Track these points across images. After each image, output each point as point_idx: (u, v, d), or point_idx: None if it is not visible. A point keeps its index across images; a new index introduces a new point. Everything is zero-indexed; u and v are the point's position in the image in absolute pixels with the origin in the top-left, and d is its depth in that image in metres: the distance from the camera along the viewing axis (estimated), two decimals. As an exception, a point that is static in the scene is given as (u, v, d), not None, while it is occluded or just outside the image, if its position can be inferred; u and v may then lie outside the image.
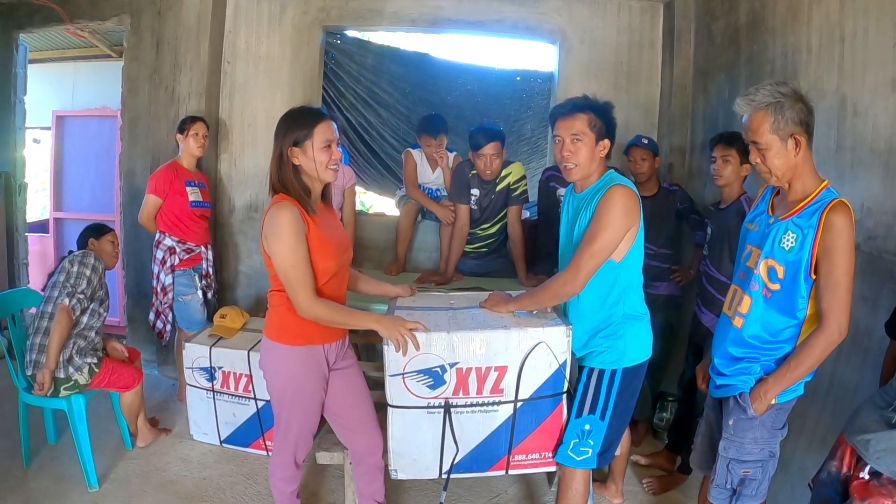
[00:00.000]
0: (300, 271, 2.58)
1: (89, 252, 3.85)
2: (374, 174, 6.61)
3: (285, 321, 2.75)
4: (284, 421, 2.87)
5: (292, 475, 3.01)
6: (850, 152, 3.04)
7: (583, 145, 2.74)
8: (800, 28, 3.49)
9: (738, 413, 2.50)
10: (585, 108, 2.75)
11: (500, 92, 6.61)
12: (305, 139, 2.62)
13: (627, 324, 2.78)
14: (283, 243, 2.55)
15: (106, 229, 4.10)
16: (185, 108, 5.22)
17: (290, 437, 2.89)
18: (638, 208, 2.67)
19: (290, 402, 2.82)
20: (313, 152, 2.63)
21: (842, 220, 2.23)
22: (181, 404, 4.70)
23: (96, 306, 3.86)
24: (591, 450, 2.84)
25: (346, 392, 2.97)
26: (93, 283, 3.80)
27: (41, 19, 5.69)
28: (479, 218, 4.81)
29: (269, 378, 2.86)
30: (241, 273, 5.66)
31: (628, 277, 2.75)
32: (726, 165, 3.62)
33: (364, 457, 3.10)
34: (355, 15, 5.46)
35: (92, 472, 3.74)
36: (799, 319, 2.39)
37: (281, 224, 2.55)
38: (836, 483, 2.27)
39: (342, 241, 2.86)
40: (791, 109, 2.29)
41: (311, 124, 2.63)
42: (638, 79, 5.38)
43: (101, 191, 6.78)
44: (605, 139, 2.76)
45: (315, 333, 2.76)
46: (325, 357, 2.83)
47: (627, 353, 2.79)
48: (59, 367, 3.68)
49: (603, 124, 2.75)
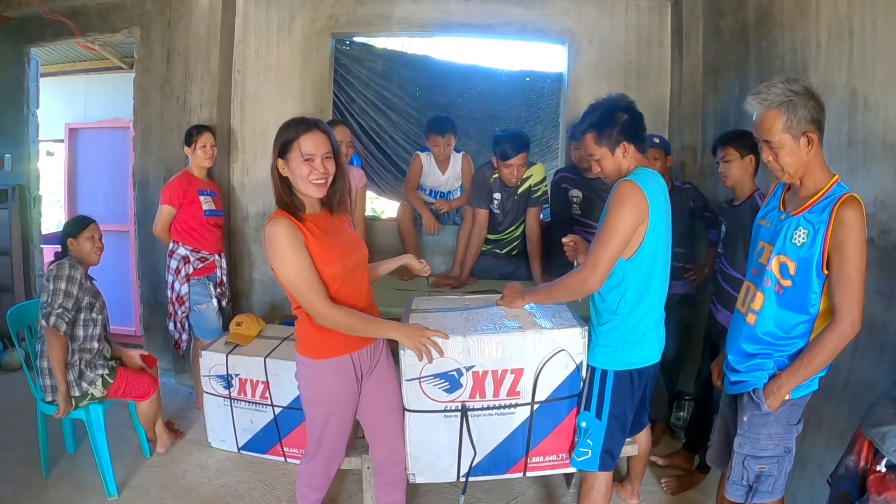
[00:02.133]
0: (308, 281, 2.54)
1: (63, 262, 3.71)
2: (386, 179, 6.62)
3: (310, 336, 2.71)
4: (319, 432, 2.84)
5: (322, 484, 3.00)
6: (861, 146, 3.02)
7: (601, 161, 2.80)
8: (808, 23, 3.48)
9: (752, 409, 2.51)
10: (587, 129, 2.81)
11: (509, 93, 6.63)
12: (287, 151, 2.57)
13: (626, 328, 2.77)
14: (283, 258, 2.52)
15: (84, 224, 3.90)
16: (197, 117, 5.25)
17: (323, 447, 2.87)
18: (645, 202, 2.64)
19: (323, 414, 2.80)
20: (295, 164, 2.56)
21: (853, 215, 2.23)
22: (199, 412, 4.72)
23: (87, 314, 3.79)
24: (590, 450, 2.84)
25: (376, 400, 2.92)
26: (73, 295, 3.66)
27: (52, 33, 5.74)
28: (502, 221, 4.83)
29: (302, 391, 2.84)
30: (256, 280, 5.68)
31: (637, 277, 2.72)
32: (728, 164, 3.64)
33: (384, 468, 3.06)
34: (364, 21, 5.47)
35: (111, 481, 3.76)
36: (811, 315, 2.39)
37: (276, 240, 2.51)
38: (855, 477, 2.26)
39: (349, 243, 2.78)
40: (804, 108, 2.29)
41: (294, 135, 2.57)
42: (647, 77, 5.37)
43: (114, 202, 6.81)
44: (621, 143, 2.76)
45: (342, 343, 2.72)
46: (355, 365, 2.78)
47: (624, 356, 2.78)
48: (73, 387, 3.70)
49: (613, 131, 2.75)
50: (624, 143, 2.75)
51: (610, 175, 2.83)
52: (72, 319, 3.66)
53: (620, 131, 2.75)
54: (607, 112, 2.79)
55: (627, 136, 2.76)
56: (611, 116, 2.77)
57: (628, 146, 2.76)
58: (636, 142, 2.79)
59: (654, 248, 2.72)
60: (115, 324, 6.36)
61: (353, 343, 2.75)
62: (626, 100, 2.84)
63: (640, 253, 2.69)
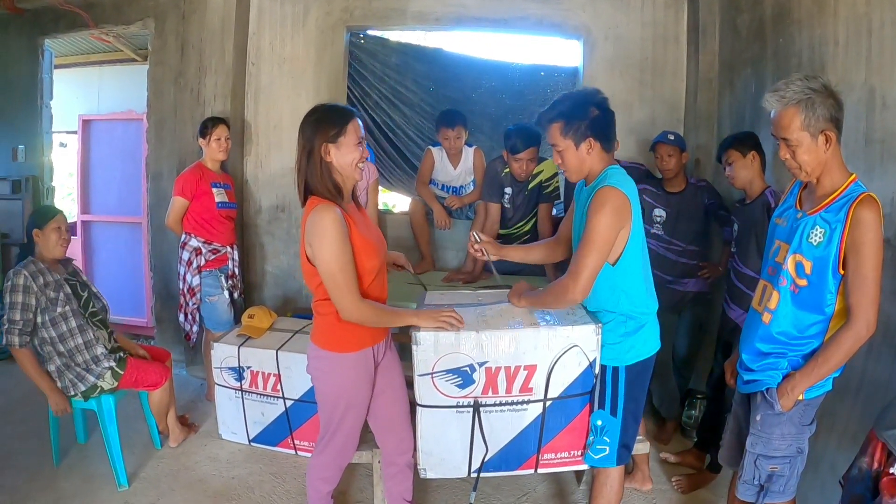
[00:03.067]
0: (348, 274, 2.53)
1: (19, 270, 3.58)
2: (399, 174, 6.61)
3: (336, 329, 2.70)
4: (335, 425, 2.84)
5: (333, 476, 3.01)
6: (879, 145, 3.00)
7: (563, 153, 2.75)
8: (826, 20, 3.46)
9: (765, 408, 2.50)
10: (554, 118, 2.72)
11: (523, 87, 6.58)
12: (339, 136, 2.58)
13: (630, 324, 2.78)
14: (330, 246, 2.49)
15: (50, 215, 3.76)
16: (211, 110, 5.27)
17: (337, 440, 2.88)
18: (628, 208, 2.62)
19: (343, 409, 2.81)
20: (347, 149, 2.60)
21: (869, 215, 2.22)
22: (210, 404, 4.75)
23: (52, 313, 3.63)
24: (608, 447, 2.84)
25: (385, 389, 2.96)
26: (29, 304, 3.55)
27: (66, 25, 5.77)
28: (512, 216, 4.82)
29: (319, 385, 2.83)
30: (268, 273, 5.69)
31: (626, 280, 2.73)
32: (733, 166, 3.68)
33: (394, 457, 3.08)
34: (379, 15, 5.47)
35: (121, 471, 3.78)
36: (827, 315, 2.37)
37: (326, 227, 2.49)
38: (867, 479, 2.25)
39: (379, 238, 2.84)
40: (822, 106, 2.27)
41: (344, 120, 2.60)
42: (663, 74, 5.34)
43: (127, 193, 6.82)
44: (588, 139, 2.69)
45: (367, 335, 2.74)
46: (374, 357, 2.82)
47: (631, 351, 2.79)
48: (75, 384, 3.71)
49: (581, 124, 2.68)
50: (591, 139, 2.68)
51: (569, 169, 2.79)
52: (32, 327, 3.60)
53: (589, 126, 2.67)
54: (579, 103, 2.70)
55: (595, 132, 2.68)
56: (582, 109, 2.68)
57: (594, 143, 2.69)
58: (603, 141, 2.72)
59: (638, 246, 2.74)
60: (127, 315, 6.41)
61: (376, 334, 2.80)
62: (599, 94, 2.75)
63: (626, 256, 2.68)
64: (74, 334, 3.70)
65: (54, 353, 3.67)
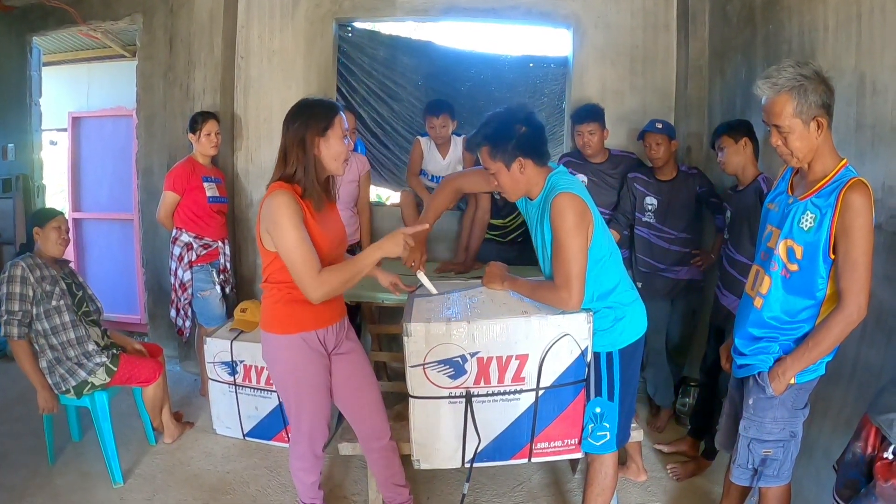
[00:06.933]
0: (304, 250, 2.55)
1: (16, 262, 3.63)
2: (388, 167, 6.61)
3: (276, 311, 2.78)
4: (294, 410, 2.91)
5: (311, 465, 3.05)
6: (870, 130, 2.99)
7: (496, 176, 2.75)
8: (816, 6, 3.45)
9: (757, 392, 2.52)
10: (480, 143, 2.72)
11: (513, 79, 6.59)
12: (328, 129, 2.64)
13: (616, 313, 2.80)
14: (283, 226, 2.54)
15: (51, 215, 3.84)
16: (200, 104, 5.24)
17: (303, 427, 2.93)
18: (588, 210, 2.63)
19: (294, 390, 2.87)
20: (335, 142, 2.66)
21: (860, 199, 2.22)
22: (204, 399, 4.74)
23: (47, 305, 3.66)
24: (608, 433, 2.86)
25: (349, 377, 3.01)
26: (27, 296, 3.60)
27: (54, 21, 5.74)
28: (504, 206, 4.81)
29: (270, 369, 2.90)
30: (260, 267, 5.65)
31: (603, 270, 2.76)
32: (725, 152, 3.68)
33: (371, 441, 3.13)
34: (368, 6, 5.45)
35: (116, 468, 3.78)
36: (818, 300, 2.39)
37: (279, 208, 2.55)
38: (861, 464, 2.24)
39: (338, 235, 2.87)
40: (814, 93, 2.27)
41: (333, 114, 2.66)
42: (654, 62, 5.32)
43: (118, 190, 6.80)
44: (517, 158, 2.67)
45: (307, 319, 2.78)
46: (321, 342, 2.84)
47: (622, 335, 2.82)
48: (65, 379, 3.71)
49: (508, 145, 2.66)
50: (520, 158, 2.67)
51: (505, 191, 2.80)
52: (29, 318, 3.63)
53: (516, 146, 2.65)
54: (504, 124, 2.68)
55: (524, 150, 2.66)
56: (507, 129, 2.66)
57: (525, 161, 2.68)
58: (534, 157, 2.70)
59: (603, 238, 2.77)
60: (120, 312, 6.39)
61: (319, 319, 2.82)
62: (524, 111, 2.74)
63: (594, 250, 2.69)
64: (67, 328, 3.71)
65: (47, 346, 3.67)
